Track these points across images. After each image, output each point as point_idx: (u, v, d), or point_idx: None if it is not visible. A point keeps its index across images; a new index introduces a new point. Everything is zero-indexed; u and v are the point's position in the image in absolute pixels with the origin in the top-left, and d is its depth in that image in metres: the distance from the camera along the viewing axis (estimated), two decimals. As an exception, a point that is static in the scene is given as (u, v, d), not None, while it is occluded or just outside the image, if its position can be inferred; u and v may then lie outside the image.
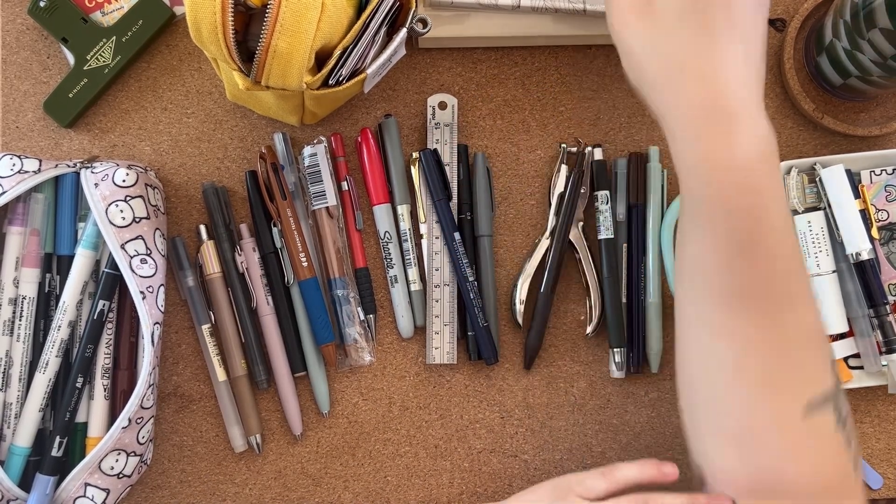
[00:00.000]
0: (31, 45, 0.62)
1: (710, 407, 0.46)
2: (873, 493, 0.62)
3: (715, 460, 0.47)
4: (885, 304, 0.58)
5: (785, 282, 0.43)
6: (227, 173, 0.62)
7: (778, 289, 0.43)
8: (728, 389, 0.45)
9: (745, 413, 0.45)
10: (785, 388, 0.44)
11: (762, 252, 0.42)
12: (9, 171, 0.54)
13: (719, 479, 0.46)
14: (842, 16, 0.56)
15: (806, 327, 0.44)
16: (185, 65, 0.62)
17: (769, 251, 0.42)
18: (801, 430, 0.44)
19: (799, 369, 0.44)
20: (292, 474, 0.61)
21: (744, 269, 0.42)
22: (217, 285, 0.60)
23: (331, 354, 0.61)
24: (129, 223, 0.54)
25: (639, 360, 0.61)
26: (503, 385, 0.62)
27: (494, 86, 0.63)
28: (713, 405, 0.46)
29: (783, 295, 0.43)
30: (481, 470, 0.62)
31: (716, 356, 0.45)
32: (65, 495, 0.54)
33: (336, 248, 0.61)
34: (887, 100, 0.64)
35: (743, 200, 0.41)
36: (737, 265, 0.42)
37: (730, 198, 0.41)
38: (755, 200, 0.41)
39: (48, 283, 0.57)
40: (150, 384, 0.54)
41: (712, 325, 0.45)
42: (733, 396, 0.45)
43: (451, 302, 0.61)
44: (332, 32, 0.48)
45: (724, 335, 0.45)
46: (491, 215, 0.62)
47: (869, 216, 0.59)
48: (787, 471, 0.44)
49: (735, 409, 0.45)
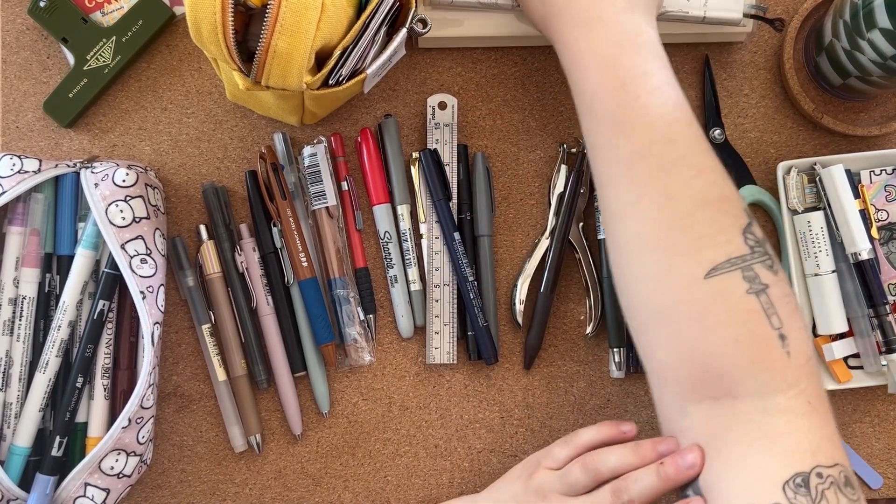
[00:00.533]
0: (31, 45, 0.62)
1: (634, 294, 0.47)
2: (873, 492, 0.62)
3: (650, 356, 0.47)
4: (884, 304, 0.58)
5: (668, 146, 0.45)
6: (227, 173, 0.62)
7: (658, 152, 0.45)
8: (639, 266, 0.46)
9: (657, 287, 0.45)
10: (685, 251, 0.44)
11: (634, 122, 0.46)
12: (9, 171, 0.54)
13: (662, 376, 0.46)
14: (841, 16, 0.56)
15: (699, 190, 0.45)
16: (185, 65, 0.62)
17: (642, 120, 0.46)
18: (706, 293, 0.44)
19: (696, 233, 0.44)
20: (292, 474, 0.61)
21: (622, 141, 0.46)
22: (217, 285, 0.60)
23: (331, 354, 0.61)
24: (129, 223, 0.54)
25: (638, 359, 0.61)
26: (503, 385, 0.62)
27: (494, 86, 0.63)
28: (636, 291, 0.47)
29: (666, 159, 0.45)
30: (481, 470, 0.62)
31: (622, 235, 0.47)
32: (65, 495, 0.54)
33: (336, 248, 0.61)
34: (887, 100, 0.64)
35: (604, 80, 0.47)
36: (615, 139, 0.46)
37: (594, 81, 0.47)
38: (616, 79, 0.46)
39: (48, 283, 0.57)
40: (150, 384, 0.54)
41: (612, 206, 0.47)
42: (644, 272, 0.46)
43: (451, 302, 0.61)
44: (332, 32, 0.48)
45: (623, 211, 0.47)
46: (491, 215, 0.62)
47: (869, 216, 0.59)
48: (709, 345, 0.44)
49: (649, 286, 0.46)
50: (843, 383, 0.60)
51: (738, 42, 0.63)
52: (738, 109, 0.64)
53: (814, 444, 0.42)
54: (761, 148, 0.63)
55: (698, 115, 0.63)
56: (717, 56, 0.63)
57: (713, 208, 0.45)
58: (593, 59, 0.47)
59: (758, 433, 0.42)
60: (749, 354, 0.43)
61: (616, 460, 0.48)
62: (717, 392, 0.44)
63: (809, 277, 0.60)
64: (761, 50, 0.64)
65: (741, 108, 0.64)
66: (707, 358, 0.44)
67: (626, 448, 0.48)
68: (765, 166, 0.63)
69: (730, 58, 0.63)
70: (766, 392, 0.43)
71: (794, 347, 0.43)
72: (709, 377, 0.44)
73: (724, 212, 0.45)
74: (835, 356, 0.59)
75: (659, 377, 0.47)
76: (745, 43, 0.63)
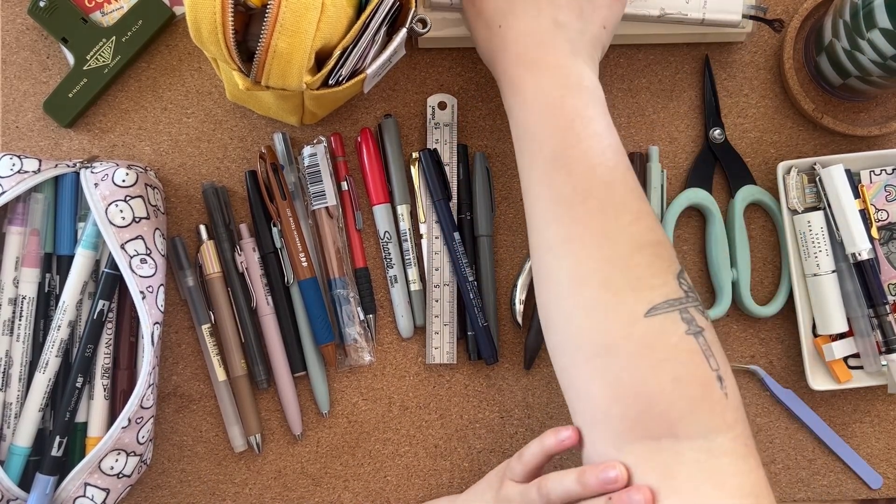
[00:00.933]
0: (31, 45, 0.62)
1: (564, 330, 0.47)
2: (873, 492, 0.62)
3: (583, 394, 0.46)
4: (884, 304, 0.58)
5: (608, 190, 0.46)
6: (227, 173, 0.62)
7: (600, 196, 0.46)
8: (573, 300, 0.46)
9: (593, 322, 0.45)
10: (625, 289, 0.45)
11: (576, 165, 0.47)
12: (9, 171, 0.54)
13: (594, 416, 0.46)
14: (841, 16, 0.56)
15: (637, 235, 0.46)
16: (185, 65, 0.62)
17: (584, 164, 0.47)
18: (646, 331, 0.44)
19: (634, 274, 0.45)
20: (292, 474, 0.61)
21: (563, 181, 0.47)
22: (217, 285, 0.60)
23: (331, 354, 0.61)
24: (128, 223, 0.54)
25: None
26: (503, 385, 0.62)
27: (494, 86, 0.63)
28: (567, 326, 0.47)
29: (607, 203, 0.46)
30: (481, 470, 0.62)
31: (557, 269, 0.47)
32: (65, 495, 0.54)
33: (336, 248, 0.61)
34: (887, 100, 0.64)
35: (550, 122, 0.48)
36: (557, 179, 0.47)
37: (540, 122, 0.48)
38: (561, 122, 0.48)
39: (48, 283, 0.57)
40: (150, 384, 0.54)
41: (548, 240, 0.48)
42: (579, 307, 0.46)
43: (451, 302, 0.61)
44: (332, 32, 0.48)
45: (560, 248, 0.47)
46: (491, 215, 0.62)
47: (868, 216, 0.59)
48: (647, 384, 0.43)
49: (584, 321, 0.46)
50: (843, 383, 0.60)
51: (738, 42, 0.63)
52: (738, 109, 0.64)
53: (756, 486, 0.42)
54: (761, 148, 0.63)
55: (699, 115, 0.64)
56: (717, 56, 0.63)
57: (649, 252, 0.46)
58: (539, 98, 0.48)
59: (705, 475, 0.42)
60: (690, 394, 0.43)
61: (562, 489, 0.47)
62: (657, 431, 0.43)
63: (809, 277, 0.60)
64: (761, 50, 0.64)
65: (741, 108, 0.64)
66: (647, 395, 0.44)
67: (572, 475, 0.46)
68: (765, 166, 0.63)
69: (730, 58, 0.64)
70: (709, 433, 0.43)
71: (730, 390, 0.44)
72: (649, 416, 0.43)
73: (659, 256, 0.46)
74: (835, 356, 0.59)
75: (591, 416, 0.46)
76: (745, 43, 0.63)
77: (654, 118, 0.64)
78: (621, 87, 0.64)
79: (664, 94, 0.64)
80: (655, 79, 0.64)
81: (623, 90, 0.64)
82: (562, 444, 0.48)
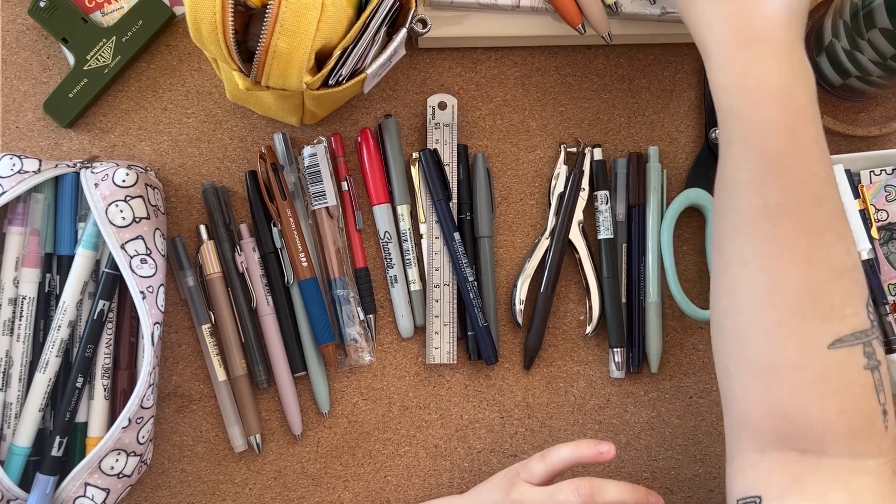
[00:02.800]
0: (31, 45, 0.62)
1: (738, 341, 0.45)
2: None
3: (740, 401, 0.46)
4: (885, 304, 0.58)
5: (817, 206, 0.43)
6: (227, 173, 0.62)
7: (808, 213, 0.43)
8: (756, 318, 0.44)
9: (771, 345, 0.44)
10: (813, 318, 0.43)
11: (793, 173, 0.43)
12: (9, 171, 0.54)
13: (744, 422, 0.45)
14: (841, 16, 0.56)
15: (838, 259, 0.43)
16: (185, 65, 0.62)
17: (800, 172, 0.43)
18: (825, 363, 0.43)
19: (828, 301, 0.43)
20: (292, 474, 0.61)
21: (775, 189, 0.43)
22: (217, 285, 0.60)
23: (331, 354, 0.61)
24: (129, 223, 0.54)
25: (639, 359, 0.62)
26: (503, 385, 0.62)
27: (494, 86, 0.63)
28: (741, 339, 0.45)
29: (814, 220, 0.43)
30: (481, 470, 0.62)
31: (746, 284, 0.45)
32: (65, 495, 0.54)
33: (336, 248, 0.61)
34: (887, 100, 0.64)
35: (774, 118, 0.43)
36: (768, 185, 0.43)
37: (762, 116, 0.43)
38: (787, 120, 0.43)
39: (48, 283, 0.57)
40: (150, 384, 0.54)
41: (743, 252, 0.45)
42: (761, 326, 0.44)
43: (451, 302, 0.61)
44: (332, 32, 0.48)
45: (753, 262, 0.44)
46: (491, 215, 0.62)
47: (868, 216, 0.59)
48: (811, 411, 0.43)
49: (761, 341, 0.44)
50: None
51: (738, 42, 0.63)
52: (738, 109, 0.64)
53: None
54: (761, 148, 0.63)
55: (698, 115, 0.64)
56: (717, 56, 0.63)
57: (847, 279, 0.44)
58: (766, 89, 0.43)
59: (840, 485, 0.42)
60: (852, 425, 0.43)
61: (614, 494, 0.47)
62: (804, 447, 0.43)
63: (809, 277, 0.60)
64: (761, 50, 0.63)
65: (741, 108, 0.64)
66: (807, 421, 0.43)
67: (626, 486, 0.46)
68: (765, 166, 0.63)
69: (730, 58, 0.63)
70: (857, 455, 0.43)
71: (891, 423, 0.44)
72: (802, 436, 0.43)
73: (855, 282, 0.44)
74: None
75: (741, 419, 0.46)
76: (745, 43, 0.63)
77: (654, 118, 0.64)
78: (621, 86, 0.64)
79: (664, 94, 0.64)
80: (655, 79, 0.64)
81: (623, 90, 0.64)
82: (600, 456, 0.48)
